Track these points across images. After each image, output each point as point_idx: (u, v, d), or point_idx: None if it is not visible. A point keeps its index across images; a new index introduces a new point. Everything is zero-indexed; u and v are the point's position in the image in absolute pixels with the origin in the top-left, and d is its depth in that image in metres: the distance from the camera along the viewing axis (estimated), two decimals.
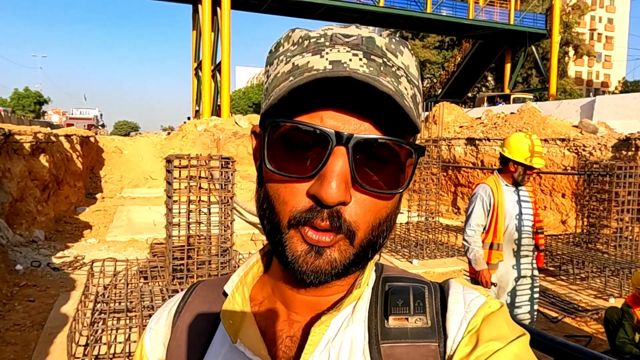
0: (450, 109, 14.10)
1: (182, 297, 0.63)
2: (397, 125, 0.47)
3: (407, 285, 0.55)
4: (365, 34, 0.50)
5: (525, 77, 37.04)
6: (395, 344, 0.51)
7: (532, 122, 11.46)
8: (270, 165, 0.48)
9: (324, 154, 0.45)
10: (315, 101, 0.47)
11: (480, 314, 0.51)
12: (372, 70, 0.46)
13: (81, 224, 9.25)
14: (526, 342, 0.50)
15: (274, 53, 0.53)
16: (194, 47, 28.41)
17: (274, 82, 0.50)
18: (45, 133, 9.19)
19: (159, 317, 0.63)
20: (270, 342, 0.54)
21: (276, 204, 0.49)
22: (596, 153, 9.29)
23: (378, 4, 27.18)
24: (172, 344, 0.59)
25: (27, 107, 55.23)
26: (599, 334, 4.61)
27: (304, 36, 0.51)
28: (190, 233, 4.53)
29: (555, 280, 6.27)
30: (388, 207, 0.51)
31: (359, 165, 0.47)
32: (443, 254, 7.36)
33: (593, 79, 64.21)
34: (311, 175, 0.46)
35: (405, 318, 0.52)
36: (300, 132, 0.47)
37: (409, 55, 0.51)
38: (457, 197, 12.02)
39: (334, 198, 0.45)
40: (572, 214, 9.46)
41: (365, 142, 0.46)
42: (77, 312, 3.69)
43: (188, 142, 17.81)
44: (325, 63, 0.46)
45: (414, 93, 0.50)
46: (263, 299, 0.58)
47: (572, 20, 37.69)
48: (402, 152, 0.49)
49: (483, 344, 0.48)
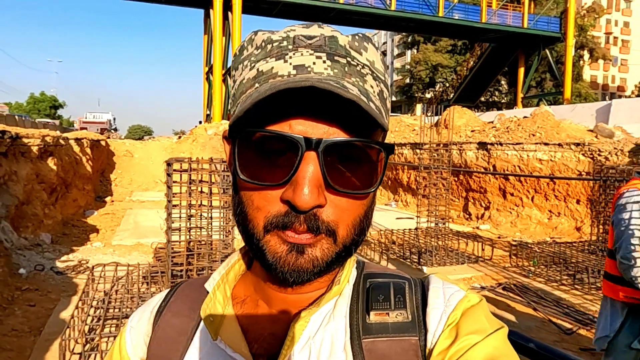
0: (462, 113, 13.89)
1: (165, 297, 0.64)
2: (364, 125, 0.47)
3: (388, 281, 0.56)
4: (328, 34, 0.50)
5: (539, 81, 36.56)
6: (376, 339, 0.52)
7: (546, 126, 11.21)
8: (242, 175, 0.48)
9: (295, 160, 0.46)
10: (283, 108, 0.47)
11: (459, 308, 0.52)
12: (336, 72, 0.47)
13: (88, 227, 9.24)
14: (504, 334, 0.51)
15: (239, 57, 0.53)
16: (205, 51, 28.56)
17: (240, 88, 0.51)
18: (54, 136, 9.20)
19: (140, 316, 0.63)
20: (252, 339, 0.55)
21: (250, 211, 0.50)
22: (612, 158, 9.03)
23: (390, 8, 27.04)
24: (154, 343, 0.59)
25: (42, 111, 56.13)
26: None
27: (266, 40, 0.51)
28: (190, 238, 4.42)
29: (570, 289, 6.05)
30: (364, 204, 0.51)
31: (331, 168, 0.47)
32: (453, 261, 7.17)
33: (609, 83, 63.22)
34: (284, 182, 0.47)
35: (386, 313, 0.53)
36: (269, 140, 0.47)
37: (374, 51, 0.52)
38: (469, 203, 11.80)
39: (307, 203, 0.45)
40: (587, 221, 9.19)
41: (335, 145, 0.46)
42: (72, 319, 3.59)
43: (198, 145, 17.84)
44: (289, 68, 0.47)
45: (381, 89, 0.51)
46: (245, 297, 0.58)
47: (587, 24, 37.16)
48: (372, 152, 0.49)
49: (462, 337, 0.49)
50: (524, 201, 10.53)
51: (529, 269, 6.87)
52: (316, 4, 25.95)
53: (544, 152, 10.21)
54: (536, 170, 10.31)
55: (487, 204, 11.29)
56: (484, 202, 11.40)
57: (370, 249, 7.31)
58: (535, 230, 10.05)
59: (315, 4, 25.94)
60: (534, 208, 10.35)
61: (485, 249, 7.71)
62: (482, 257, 7.50)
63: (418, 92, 44.38)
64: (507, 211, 10.76)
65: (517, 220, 10.46)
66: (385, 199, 14.81)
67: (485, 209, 11.32)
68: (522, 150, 10.57)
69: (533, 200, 10.39)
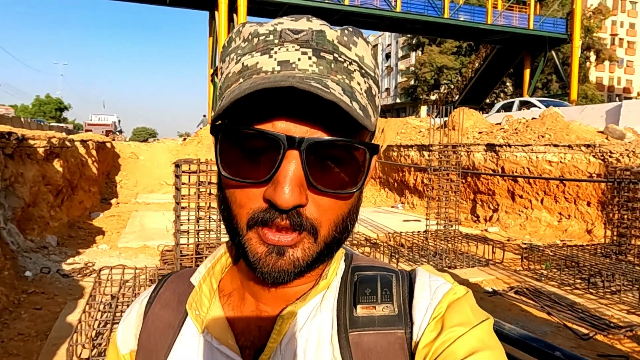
0: (469, 115, 13.78)
1: (154, 289, 0.63)
2: (348, 125, 0.46)
3: (375, 274, 0.56)
4: (316, 28, 0.49)
5: (545, 82, 36.37)
6: (362, 332, 0.52)
7: (555, 128, 11.08)
8: (224, 172, 0.48)
9: (277, 158, 0.45)
10: (266, 105, 0.46)
11: (445, 301, 0.53)
12: (321, 69, 0.47)
13: (94, 229, 9.19)
14: (490, 326, 0.51)
15: (226, 49, 0.53)
16: (210, 53, 28.57)
17: (226, 82, 0.51)
18: (60, 138, 9.17)
19: (130, 310, 0.63)
20: (239, 332, 0.55)
21: (233, 207, 0.50)
22: (624, 160, 8.89)
23: (395, 10, 26.96)
24: (143, 335, 0.59)
25: (48, 113, 56.35)
26: (635, 352, 4.28)
27: (253, 33, 0.50)
28: (199, 241, 4.35)
29: (584, 293, 5.93)
30: (348, 203, 0.51)
31: (313, 168, 0.46)
32: (463, 264, 7.07)
33: (615, 85, 62.84)
34: (265, 180, 0.46)
35: (372, 306, 0.53)
36: (252, 138, 0.47)
37: (364, 46, 0.51)
38: (477, 205, 11.68)
39: (287, 202, 0.45)
40: (597, 223, 9.06)
41: (317, 144, 0.46)
42: (79, 323, 3.52)
43: (203, 147, 17.82)
44: (273, 64, 0.47)
45: (369, 86, 0.50)
46: (232, 290, 0.58)
47: (593, 25, 36.96)
48: (356, 152, 0.48)
49: (448, 330, 0.50)
50: (533, 203, 10.40)
51: (541, 272, 6.75)
52: (321, 6, 25.94)
53: (554, 153, 10.09)
54: (545, 172, 10.18)
55: (495, 206, 11.17)
56: (492, 204, 11.28)
57: (380, 252, 7.21)
58: (544, 233, 9.92)
59: (321, 6, 25.93)
60: (543, 210, 10.22)
61: (495, 252, 7.60)
62: (492, 260, 7.39)
63: (423, 94, 44.26)
64: (516, 213, 10.63)
65: (526, 222, 10.33)
66: (392, 201, 14.70)
67: (493, 211, 11.20)
68: (531, 151, 10.45)
69: (542, 203, 10.26)
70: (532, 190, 10.43)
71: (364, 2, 26.40)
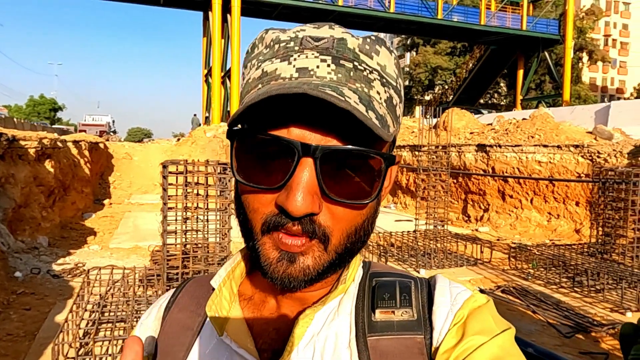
0: (461, 115, 13.88)
1: (173, 293, 0.64)
2: (365, 134, 0.46)
3: (394, 280, 0.56)
4: (338, 35, 0.49)
5: (538, 83, 36.57)
6: (381, 337, 0.51)
7: (545, 128, 11.19)
8: (238, 176, 0.48)
9: (291, 165, 0.45)
10: (282, 112, 0.46)
11: (466, 307, 0.52)
12: (340, 77, 0.46)
13: (86, 230, 9.20)
14: (511, 335, 0.50)
15: (249, 55, 0.53)
16: (204, 53, 28.56)
17: (246, 87, 0.51)
18: (51, 139, 9.17)
19: (149, 313, 0.64)
20: (257, 335, 0.55)
21: (248, 212, 0.50)
22: (611, 160, 9.00)
23: (389, 10, 27.05)
24: (161, 338, 0.60)
25: (42, 113, 56.05)
26: (615, 350, 4.36)
27: (275, 39, 0.50)
28: (186, 241, 4.39)
29: (569, 292, 6.02)
30: (363, 214, 0.50)
31: (327, 176, 0.46)
32: (452, 264, 7.14)
33: (608, 85, 63.21)
34: (278, 186, 0.46)
35: (391, 311, 0.53)
36: (266, 144, 0.46)
37: (387, 55, 0.50)
38: (468, 205, 11.77)
39: (299, 210, 0.44)
40: (586, 223, 9.16)
41: (332, 152, 0.45)
42: (65, 323, 3.56)
43: (197, 148, 17.82)
44: (292, 71, 0.46)
45: (390, 95, 0.50)
46: (252, 294, 0.59)
47: (586, 26, 37.19)
48: (372, 161, 0.48)
49: (469, 337, 0.49)
50: (523, 203, 10.50)
51: (528, 271, 6.83)
52: (315, 7, 25.98)
53: (543, 154, 10.19)
54: (535, 172, 10.28)
55: (486, 206, 11.27)
56: (483, 204, 11.37)
57: (369, 251, 7.28)
58: (534, 233, 10.02)
59: (315, 7, 25.97)
60: (533, 210, 10.32)
61: (484, 252, 7.68)
62: (481, 260, 7.47)
63: (417, 94, 44.38)
64: (507, 213, 10.73)
65: (516, 222, 10.43)
66: (385, 201, 14.77)
67: (484, 211, 11.29)
68: (521, 152, 10.55)
69: (532, 203, 10.36)
70: (522, 191, 10.53)
71: (358, 2, 26.48)
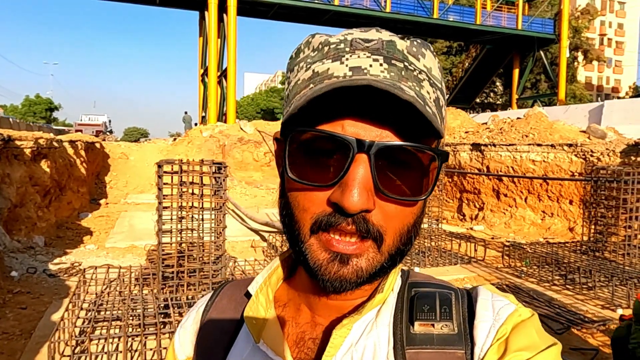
0: (457, 114, 13.94)
1: (211, 296, 0.65)
2: (419, 130, 0.46)
3: (434, 291, 0.55)
4: (386, 38, 0.49)
5: (534, 82, 36.70)
6: (420, 350, 0.50)
7: (539, 127, 11.26)
8: (291, 174, 0.48)
9: (345, 161, 0.45)
10: (336, 109, 0.46)
11: (509, 322, 0.50)
12: (392, 76, 0.46)
13: (82, 230, 9.21)
14: (558, 352, 0.49)
15: (295, 59, 0.53)
16: (200, 53, 28.52)
17: (295, 89, 0.50)
18: (47, 139, 9.18)
19: (188, 316, 0.65)
20: (293, 343, 0.55)
21: (296, 212, 0.49)
22: (604, 159, 9.08)
23: (385, 10, 27.10)
24: (199, 341, 0.61)
25: (38, 113, 55.87)
26: (605, 346, 4.42)
27: (324, 42, 0.51)
28: (181, 240, 4.43)
29: (561, 289, 6.08)
30: (414, 212, 0.50)
31: (381, 172, 0.46)
32: (446, 262, 7.20)
33: (603, 85, 63.50)
34: (333, 183, 0.46)
35: (431, 324, 0.52)
36: (321, 140, 0.47)
37: (431, 58, 0.51)
38: (463, 204, 11.83)
39: (355, 206, 0.44)
40: (580, 221, 9.24)
41: (387, 148, 0.45)
42: (61, 321, 3.59)
43: (194, 148, 17.81)
44: (345, 70, 0.46)
45: (437, 96, 0.50)
46: (287, 301, 0.59)
47: (581, 25, 37.33)
48: (425, 158, 0.48)
49: (512, 353, 0.47)
50: (518, 202, 10.58)
51: (521, 269, 6.90)
52: (312, 6, 25.98)
53: (537, 153, 10.27)
54: (529, 171, 10.36)
55: (481, 204, 11.33)
56: (478, 202, 11.44)
57: None
58: (529, 231, 10.09)
59: (311, 6, 25.97)
60: (527, 209, 10.39)
61: (478, 250, 7.74)
62: (475, 258, 7.53)
63: None
64: (501, 212, 10.80)
65: (510, 221, 10.50)
66: None
67: (479, 209, 11.36)
68: (515, 151, 10.62)
69: (526, 201, 10.43)
70: (517, 189, 10.60)
71: (354, 2, 26.50)
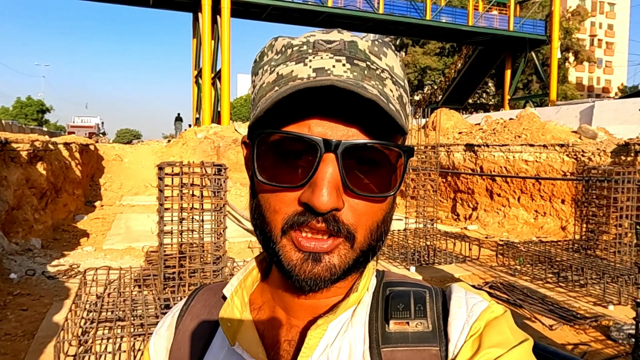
0: (450, 115, 14.08)
1: (185, 302, 0.65)
2: (384, 128, 0.47)
3: (408, 290, 0.55)
4: (348, 39, 0.50)
5: (525, 83, 37.04)
6: (395, 348, 0.51)
7: (532, 128, 11.43)
8: (260, 177, 0.48)
9: (314, 161, 0.46)
10: (302, 110, 0.47)
11: (482, 319, 0.51)
12: (356, 75, 0.47)
13: (79, 232, 9.22)
14: (529, 348, 0.49)
15: (259, 63, 0.54)
16: (194, 55, 28.52)
17: (260, 92, 0.51)
18: (43, 141, 9.18)
19: (163, 322, 0.64)
20: (269, 345, 0.55)
21: (267, 214, 0.50)
22: (595, 158, 9.25)
23: (378, 11, 27.26)
24: (174, 347, 0.61)
25: (29, 115, 55.48)
26: (597, 342, 4.54)
27: (286, 44, 0.51)
28: (182, 241, 4.49)
29: (554, 287, 6.21)
30: (383, 209, 0.51)
31: (349, 171, 0.47)
32: (441, 261, 7.30)
33: (594, 85, 64.13)
34: (302, 184, 0.46)
35: (406, 322, 0.52)
36: (288, 142, 0.47)
37: (393, 57, 0.52)
38: (457, 204, 11.96)
39: (325, 205, 0.45)
40: (572, 220, 9.39)
41: (354, 147, 0.46)
42: (66, 322, 3.65)
43: (188, 149, 17.83)
44: (309, 71, 0.47)
45: (400, 94, 0.51)
46: (262, 303, 0.59)
47: (572, 26, 37.73)
48: (392, 155, 0.49)
49: (485, 350, 0.48)
50: (511, 201, 10.72)
51: (515, 267, 7.02)
52: (305, 8, 26.08)
53: (530, 153, 10.42)
54: (522, 171, 10.50)
55: (474, 204, 11.47)
56: (471, 202, 11.58)
57: None
58: (522, 230, 10.24)
59: (304, 8, 26.07)
60: (520, 208, 10.54)
61: (472, 249, 7.86)
62: (469, 257, 7.64)
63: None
64: (495, 211, 10.94)
65: (504, 220, 10.64)
66: None
67: (473, 209, 11.49)
68: (508, 151, 10.77)
69: (519, 201, 10.58)
70: (510, 189, 10.75)
71: (347, 3, 26.62)
